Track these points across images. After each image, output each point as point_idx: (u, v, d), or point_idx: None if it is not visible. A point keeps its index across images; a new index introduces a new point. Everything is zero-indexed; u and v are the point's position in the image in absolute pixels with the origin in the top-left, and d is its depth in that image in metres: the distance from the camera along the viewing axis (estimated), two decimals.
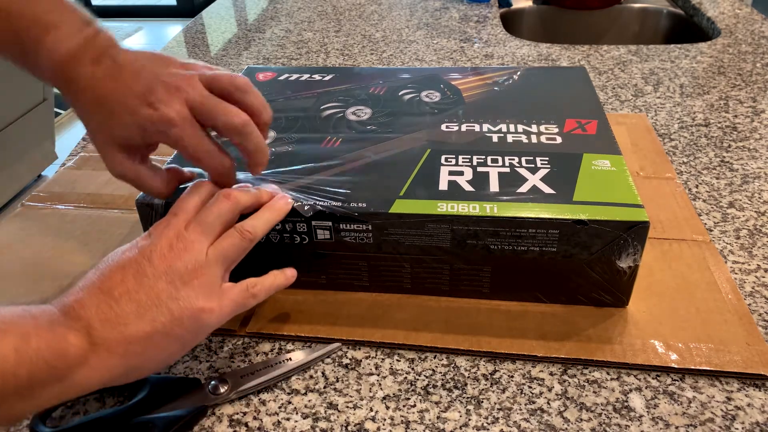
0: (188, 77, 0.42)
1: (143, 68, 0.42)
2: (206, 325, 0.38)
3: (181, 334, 0.37)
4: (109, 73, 0.41)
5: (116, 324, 0.35)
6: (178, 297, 0.37)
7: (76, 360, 0.34)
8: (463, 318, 0.48)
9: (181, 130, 0.41)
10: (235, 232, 0.41)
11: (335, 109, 0.61)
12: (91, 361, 0.34)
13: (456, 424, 0.41)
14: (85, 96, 0.42)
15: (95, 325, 0.35)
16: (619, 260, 0.45)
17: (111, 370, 0.35)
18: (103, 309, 0.35)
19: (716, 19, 1.13)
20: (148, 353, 0.36)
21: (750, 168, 0.67)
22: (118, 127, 0.42)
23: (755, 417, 0.40)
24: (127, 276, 0.37)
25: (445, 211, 0.45)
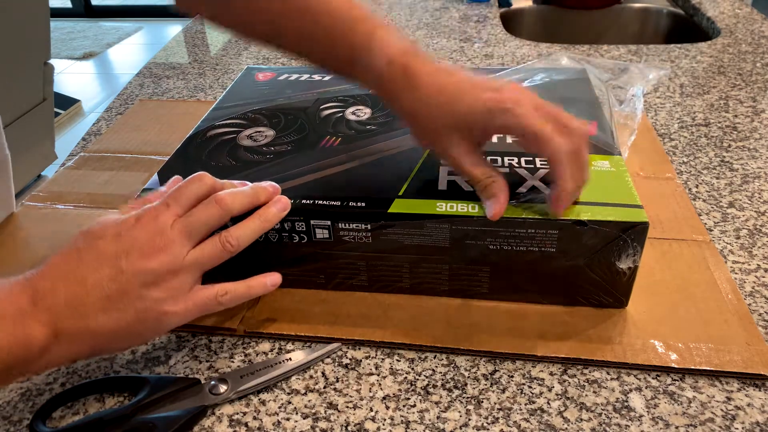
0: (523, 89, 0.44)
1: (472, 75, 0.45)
2: (168, 325, 0.40)
3: (142, 330, 0.39)
4: (444, 69, 0.44)
5: (83, 316, 0.37)
6: (146, 297, 0.38)
7: (40, 350, 0.35)
8: (463, 318, 0.48)
9: (526, 110, 0.42)
10: (218, 242, 0.41)
11: (335, 109, 0.61)
12: (54, 349, 0.36)
13: (456, 424, 0.41)
14: (425, 85, 0.43)
15: (62, 316, 0.36)
16: (619, 261, 0.45)
17: (72, 355, 0.38)
18: (72, 300, 0.37)
19: (716, 18, 1.13)
20: (108, 343, 0.39)
21: (750, 168, 0.67)
22: (463, 110, 0.42)
23: (755, 417, 0.40)
24: (102, 267, 0.38)
25: (444, 210, 0.45)
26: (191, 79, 0.94)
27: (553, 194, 0.43)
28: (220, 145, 0.55)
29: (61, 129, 2.57)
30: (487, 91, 0.43)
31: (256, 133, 0.57)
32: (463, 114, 0.43)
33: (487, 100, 0.42)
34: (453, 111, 0.43)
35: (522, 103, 0.42)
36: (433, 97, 0.43)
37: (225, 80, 0.93)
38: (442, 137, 0.44)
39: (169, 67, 0.99)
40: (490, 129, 0.44)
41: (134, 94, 0.90)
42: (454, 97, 0.43)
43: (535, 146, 0.42)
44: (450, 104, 0.43)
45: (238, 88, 0.67)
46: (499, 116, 0.42)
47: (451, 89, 0.43)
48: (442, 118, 0.43)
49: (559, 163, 0.42)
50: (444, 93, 0.43)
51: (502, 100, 0.42)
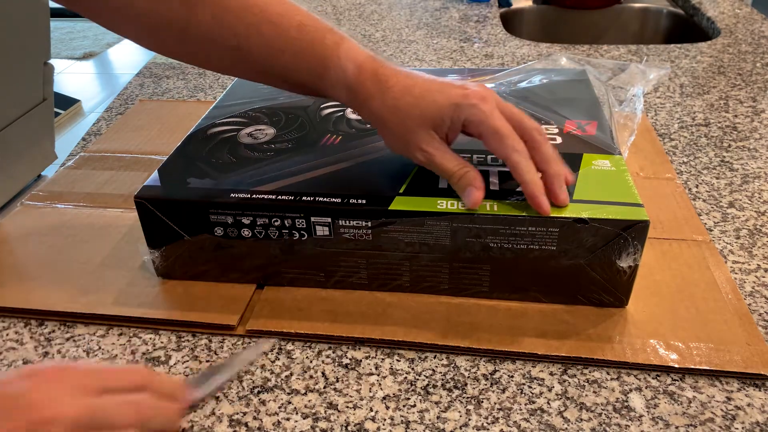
0: (489, 89, 0.46)
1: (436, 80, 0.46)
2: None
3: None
4: (410, 73, 0.46)
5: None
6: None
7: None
8: (463, 316, 0.48)
9: (491, 105, 0.44)
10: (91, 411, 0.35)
11: (335, 108, 0.61)
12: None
13: (456, 424, 0.41)
14: (394, 86, 0.45)
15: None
16: (619, 260, 0.45)
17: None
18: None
19: (716, 18, 1.13)
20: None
21: (750, 168, 0.67)
22: (432, 106, 0.44)
23: (755, 417, 0.40)
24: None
25: (444, 208, 0.45)
26: (191, 79, 0.94)
27: (524, 192, 0.44)
28: (220, 142, 0.55)
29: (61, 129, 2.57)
30: (454, 88, 0.45)
31: (257, 131, 0.57)
32: (432, 110, 0.44)
33: (454, 96, 0.44)
34: (422, 108, 0.44)
35: (487, 101, 0.44)
36: (402, 99, 0.45)
37: (225, 80, 0.93)
38: (413, 135, 0.45)
39: (169, 67, 0.99)
40: (457, 123, 0.45)
41: (134, 94, 0.90)
42: (422, 96, 0.45)
43: (494, 143, 0.44)
44: (419, 103, 0.45)
45: (239, 87, 0.67)
46: (466, 110, 0.44)
47: (419, 89, 0.45)
48: (412, 117, 0.45)
49: (512, 161, 0.44)
50: (412, 93, 0.45)
51: (468, 96, 0.44)
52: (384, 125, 0.46)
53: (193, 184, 0.50)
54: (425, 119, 0.45)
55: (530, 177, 0.44)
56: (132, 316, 0.49)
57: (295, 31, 0.46)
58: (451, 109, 0.44)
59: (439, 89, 0.45)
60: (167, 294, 0.51)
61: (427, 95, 0.44)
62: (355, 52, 0.46)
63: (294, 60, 0.47)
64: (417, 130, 0.45)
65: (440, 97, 0.44)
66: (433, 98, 0.44)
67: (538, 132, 0.45)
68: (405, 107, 0.45)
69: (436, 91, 0.45)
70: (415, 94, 0.45)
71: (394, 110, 0.45)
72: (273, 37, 0.46)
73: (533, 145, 0.45)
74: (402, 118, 0.45)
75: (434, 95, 0.44)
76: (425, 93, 0.45)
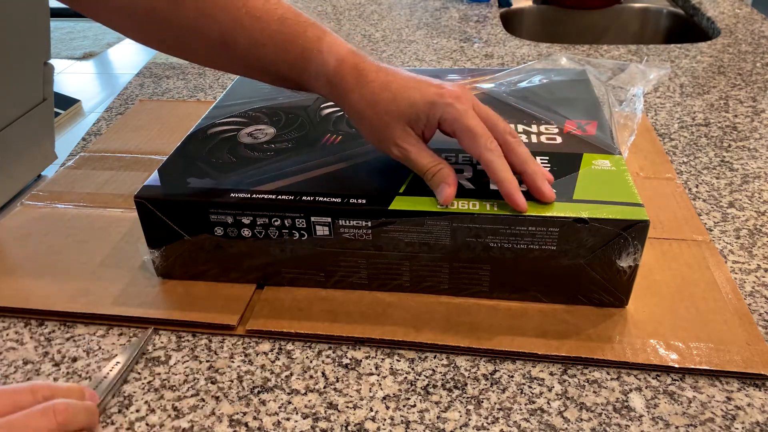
0: (466, 89, 0.47)
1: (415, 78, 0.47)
2: None
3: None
4: (390, 68, 0.46)
5: None
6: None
7: None
8: (463, 316, 0.48)
9: (466, 105, 0.45)
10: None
11: (335, 108, 0.61)
12: None
13: (456, 424, 0.41)
14: (373, 81, 0.46)
15: None
16: (619, 260, 0.45)
17: None
18: None
19: (716, 18, 1.13)
20: None
21: (750, 168, 0.67)
22: (408, 102, 0.45)
23: (755, 417, 0.40)
24: None
25: (444, 208, 0.45)
26: (191, 79, 0.94)
27: (500, 191, 0.45)
28: (220, 142, 0.55)
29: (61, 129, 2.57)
30: (431, 86, 0.45)
31: (257, 131, 0.57)
32: (408, 107, 0.45)
33: (430, 94, 0.45)
34: (398, 104, 0.45)
35: (462, 100, 0.45)
36: (380, 94, 0.45)
37: (225, 80, 0.93)
38: (389, 130, 0.46)
39: (169, 67, 0.99)
40: (433, 121, 0.45)
41: (134, 94, 0.90)
42: (399, 92, 0.45)
43: (467, 142, 0.45)
44: (396, 98, 0.45)
45: (239, 87, 0.67)
46: (441, 108, 0.44)
47: (397, 86, 0.45)
48: (389, 112, 0.45)
49: (485, 159, 0.45)
50: (390, 89, 0.45)
51: (443, 95, 0.45)
52: (362, 119, 0.47)
53: (193, 184, 0.50)
54: (401, 115, 0.45)
55: (504, 175, 0.44)
56: (132, 315, 0.49)
57: (277, 24, 0.46)
58: (426, 107, 0.45)
59: (416, 86, 0.45)
60: (167, 294, 0.51)
61: (404, 92, 0.45)
62: (336, 46, 0.47)
63: (276, 53, 0.47)
64: (393, 125, 0.46)
65: (416, 95, 0.45)
66: (410, 95, 0.45)
67: (512, 135, 0.46)
68: (383, 102, 0.45)
69: (413, 89, 0.45)
70: (393, 89, 0.45)
71: (372, 104, 0.46)
72: (255, 30, 0.46)
73: (508, 147, 0.45)
74: (379, 112, 0.46)
75: (411, 92, 0.45)
76: (402, 89, 0.45)
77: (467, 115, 0.44)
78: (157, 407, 0.42)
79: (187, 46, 0.49)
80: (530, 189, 0.45)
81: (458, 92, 0.45)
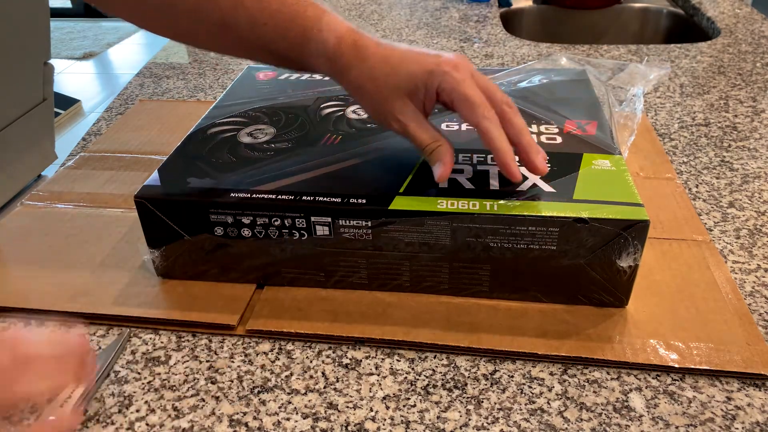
0: (465, 58, 0.46)
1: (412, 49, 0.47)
2: None
3: None
4: (389, 45, 0.46)
5: None
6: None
7: None
8: (463, 316, 0.48)
9: (464, 73, 0.44)
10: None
11: (335, 108, 0.61)
12: None
13: (456, 424, 0.41)
14: (372, 56, 0.46)
15: None
16: (619, 260, 0.45)
17: None
18: None
19: (716, 18, 1.13)
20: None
21: (750, 168, 0.67)
22: (405, 75, 0.45)
23: (755, 417, 0.40)
24: None
25: (445, 208, 0.45)
26: (191, 79, 0.94)
27: (496, 160, 0.45)
28: (220, 142, 0.55)
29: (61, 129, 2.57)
30: (429, 57, 0.45)
31: (257, 131, 0.57)
32: (407, 79, 0.45)
33: (428, 63, 0.45)
34: (398, 77, 0.45)
35: (460, 69, 0.44)
36: (378, 68, 0.46)
37: (225, 80, 0.93)
38: (389, 104, 0.46)
39: (169, 67, 0.99)
40: (431, 91, 0.45)
41: (134, 94, 0.90)
42: (398, 65, 0.45)
43: (465, 111, 0.45)
44: (395, 72, 0.45)
45: (239, 87, 0.67)
46: (438, 77, 0.44)
47: (396, 59, 0.46)
48: (389, 86, 0.46)
49: (482, 128, 0.44)
50: (389, 63, 0.45)
51: (441, 63, 0.44)
52: (362, 94, 0.47)
53: (193, 184, 0.50)
54: (401, 88, 0.45)
55: (500, 144, 0.44)
56: (132, 315, 0.49)
57: (277, 4, 0.47)
58: (425, 76, 0.45)
59: (415, 59, 0.45)
60: (167, 294, 0.51)
61: (402, 65, 0.45)
62: (335, 23, 0.47)
63: (276, 32, 0.47)
64: (393, 99, 0.46)
65: (415, 66, 0.45)
66: (408, 67, 0.45)
67: (509, 105, 0.46)
68: (382, 77, 0.46)
69: (412, 61, 0.45)
70: (392, 63, 0.45)
71: (371, 79, 0.46)
72: (256, 10, 0.47)
73: (504, 117, 0.45)
74: (379, 87, 0.46)
75: (409, 65, 0.45)
76: (401, 62, 0.45)
77: (465, 84, 0.44)
78: (157, 407, 0.42)
79: (191, 31, 0.49)
80: (523, 162, 0.46)
81: (456, 61, 0.45)
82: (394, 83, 0.45)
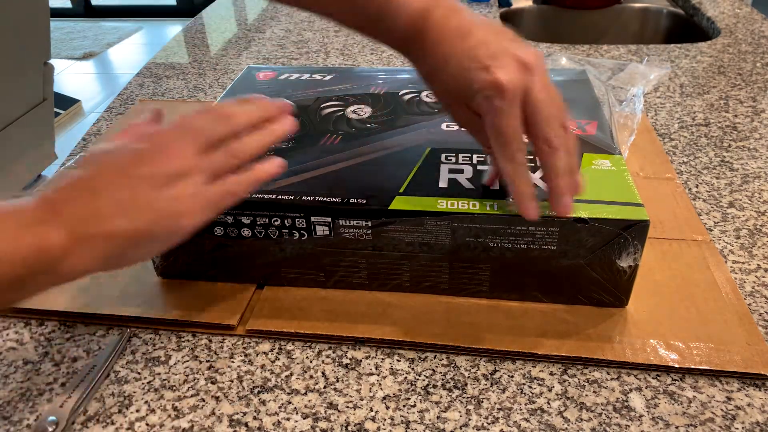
0: (540, 57, 0.41)
1: (490, 41, 0.41)
2: (183, 227, 0.39)
3: (159, 233, 0.38)
4: (457, 33, 0.42)
5: (98, 221, 0.36)
6: (159, 198, 0.38)
7: (59, 255, 0.35)
8: (463, 316, 0.48)
9: (506, 105, 0.40)
10: (225, 150, 0.41)
11: (335, 108, 0.61)
12: (73, 254, 0.36)
13: (456, 424, 0.41)
14: (431, 47, 0.42)
15: (77, 221, 0.36)
16: (619, 260, 0.45)
17: (92, 260, 0.37)
18: (87, 206, 0.37)
19: (716, 18, 1.13)
20: (126, 248, 0.38)
21: (750, 168, 0.67)
22: (447, 77, 0.42)
23: (755, 417, 0.40)
24: (113, 176, 0.38)
25: (444, 208, 0.45)
26: (191, 79, 0.94)
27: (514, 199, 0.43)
28: None
29: (61, 129, 2.57)
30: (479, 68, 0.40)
31: None
32: (445, 85, 0.43)
33: (473, 77, 0.41)
34: (440, 78, 0.43)
35: (506, 95, 0.39)
36: (427, 59, 0.43)
37: (225, 80, 0.93)
38: (451, 109, 0.45)
39: (169, 67, 0.99)
40: (473, 107, 0.42)
41: (134, 94, 0.90)
42: (445, 62, 0.42)
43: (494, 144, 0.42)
44: (437, 70, 0.43)
45: (239, 87, 0.67)
46: (478, 99, 0.41)
47: (447, 53, 0.42)
48: (449, 92, 0.43)
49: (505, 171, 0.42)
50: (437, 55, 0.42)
51: (486, 85, 0.40)
52: (430, 84, 0.45)
53: None
54: (458, 95, 0.43)
55: (518, 188, 0.42)
56: (132, 315, 0.49)
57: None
58: (463, 88, 0.42)
59: (467, 64, 0.41)
60: (167, 294, 0.51)
61: (449, 64, 0.42)
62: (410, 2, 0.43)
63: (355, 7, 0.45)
64: (448, 102, 0.44)
65: (459, 72, 0.41)
66: (451, 72, 0.42)
67: (549, 143, 0.41)
68: (428, 68, 0.43)
69: (460, 64, 0.41)
70: (442, 58, 0.42)
71: (430, 75, 0.44)
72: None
73: (541, 156, 0.42)
74: (440, 87, 0.44)
75: (454, 69, 0.42)
76: (450, 60, 0.42)
77: (502, 116, 0.40)
78: (157, 407, 0.42)
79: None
80: (549, 201, 0.43)
81: (507, 84, 0.39)
82: (454, 89, 0.43)
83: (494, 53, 0.41)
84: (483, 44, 0.41)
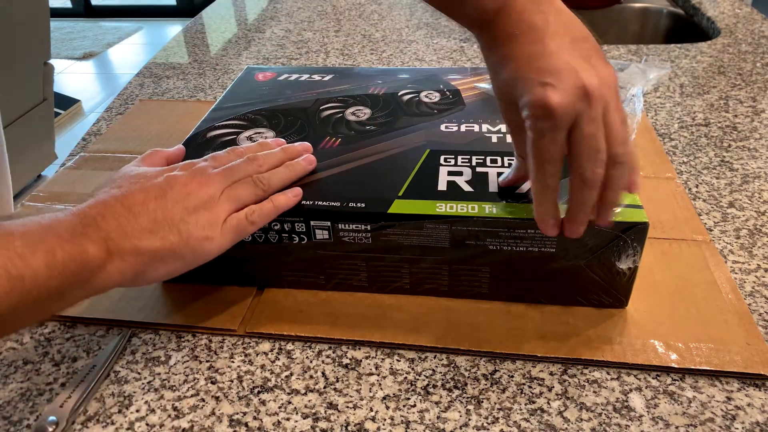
0: (607, 83, 0.38)
1: (560, 53, 0.38)
2: (207, 251, 0.43)
3: (184, 254, 0.42)
4: (529, 34, 0.39)
5: (131, 236, 0.40)
6: (188, 221, 0.42)
7: (96, 267, 0.38)
8: (463, 318, 0.48)
9: (550, 129, 0.37)
10: (251, 181, 0.46)
11: (334, 110, 0.61)
12: (107, 268, 0.39)
13: (456, 424, 0.41)
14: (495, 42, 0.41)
15: (113, 236, 0.39)
16: (619, 261, 0.45)
17: (121, 275, 0.40)
18: (122, 222, 0.40)
19: (716, 18, 1.13)
20: (154, 264, 0.41)
21: (750, 168, 0.67)
22: (498, 80, 0.41)
23: (755, 417, 0.40)
24: (149, 197, 0.42)
25: (444, 211, 0.45)
26: (191, 79, 0.94)
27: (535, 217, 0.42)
28: (220, 146, 0.55)
29: (61, 129, 2.57)
30: (535, 83, 0.38)
31: (256, 135, 0.57)
32: (508, 98, 0.41)
33: (524, 89, 0.38)
34: (495, 77, 0.42)
35: (550, 118, 0.37)
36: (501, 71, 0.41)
37: (225, 80, 0.93)
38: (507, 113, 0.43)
39: (169, 67, 0.99)
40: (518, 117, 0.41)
41: (134, 94, 0.90)
42: (501, 65, 0.40)
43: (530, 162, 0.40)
44: (494, 71, 0.42)
45: (238, 88, 0.67)
46: (524, 116, 0.39)
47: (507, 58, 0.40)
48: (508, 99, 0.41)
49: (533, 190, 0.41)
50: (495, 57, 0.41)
51: (534, 103, 0.37)
52: (490, 73, 0.44)
53: None
54: (511, 99, 0.41)
55: (539, 208, 0.41)
56: (133, 320, 0.49)
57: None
58: (509, 96, 0.40)
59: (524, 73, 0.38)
60: (167, 298, 0.51)
61: (505, 70, 0.40)
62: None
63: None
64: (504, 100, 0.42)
65: (511, 80, 0.39)
66: (504, 77, 0.40)
67: (592, 173, 0.38)
68: (504, 81, 0.41)
69: (517, 73, 0.39)
70: (500, 62, 0.41)
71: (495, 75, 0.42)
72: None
73: (573, 184, 0.40)
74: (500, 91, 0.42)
75: (508, 75, 0.40)
76: (508, 66, 0.40)
77: (542, 139, 0.38)
78: (157, 407, 0.42)
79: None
80: (563, 220, 0.42)
81: (553, 106, 0.36)
82: (503, 89, 0.41)
83: (558, 69, 0.37)
84: (550, 55, 0.38)
